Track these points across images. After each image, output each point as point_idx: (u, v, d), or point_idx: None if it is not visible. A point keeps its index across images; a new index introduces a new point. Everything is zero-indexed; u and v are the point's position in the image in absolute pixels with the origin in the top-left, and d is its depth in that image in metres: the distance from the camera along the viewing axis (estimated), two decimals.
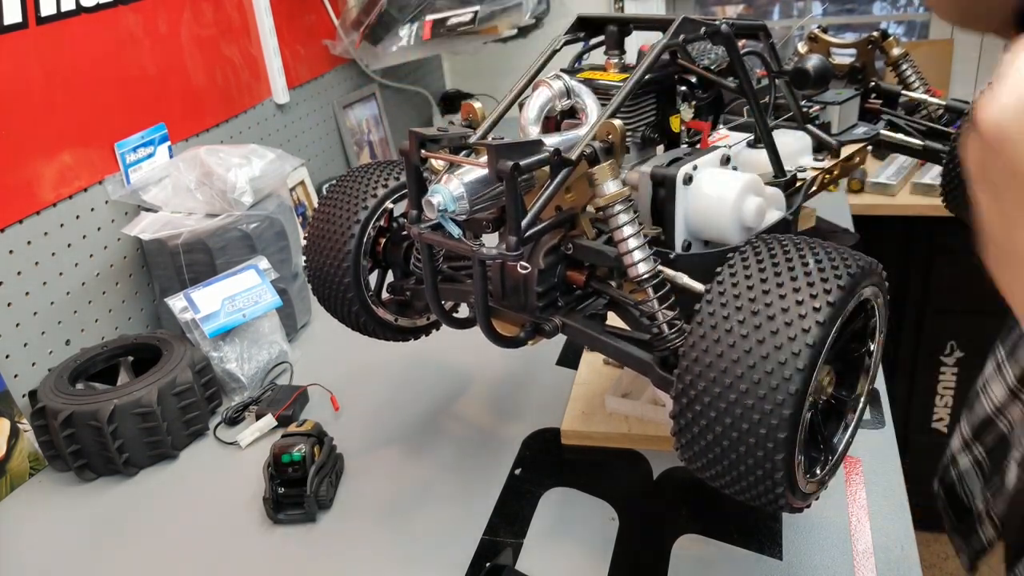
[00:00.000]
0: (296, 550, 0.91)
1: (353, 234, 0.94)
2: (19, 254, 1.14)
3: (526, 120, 0.75)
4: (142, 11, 1.35)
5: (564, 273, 0.81)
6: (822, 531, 0.86)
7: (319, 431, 0.99)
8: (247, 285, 1.22)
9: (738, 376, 0.61)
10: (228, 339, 1.21)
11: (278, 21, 1.69)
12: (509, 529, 0.90)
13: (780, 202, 0.83)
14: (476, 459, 1.03)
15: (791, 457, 0.62)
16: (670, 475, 0.97)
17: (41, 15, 1.16)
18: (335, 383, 1.19)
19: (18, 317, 1.14)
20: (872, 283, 0.66)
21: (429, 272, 0.80)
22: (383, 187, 0.96)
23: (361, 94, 2.05)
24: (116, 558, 0.93)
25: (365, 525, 0.93)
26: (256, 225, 1.28)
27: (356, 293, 0.96)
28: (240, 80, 1.62)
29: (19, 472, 1.07)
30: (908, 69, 1.43)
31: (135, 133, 1.33)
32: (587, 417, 1.05)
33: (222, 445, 1.11)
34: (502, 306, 0.83)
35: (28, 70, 1.15)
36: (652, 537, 0.88)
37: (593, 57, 0.89)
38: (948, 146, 1.19)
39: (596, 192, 0.71)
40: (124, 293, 1.32)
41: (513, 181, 0.65)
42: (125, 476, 1.06)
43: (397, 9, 1.78)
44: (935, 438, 2.17)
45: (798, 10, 2.70)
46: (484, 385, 1.19)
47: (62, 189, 1.21)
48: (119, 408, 1.03)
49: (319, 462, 0.95)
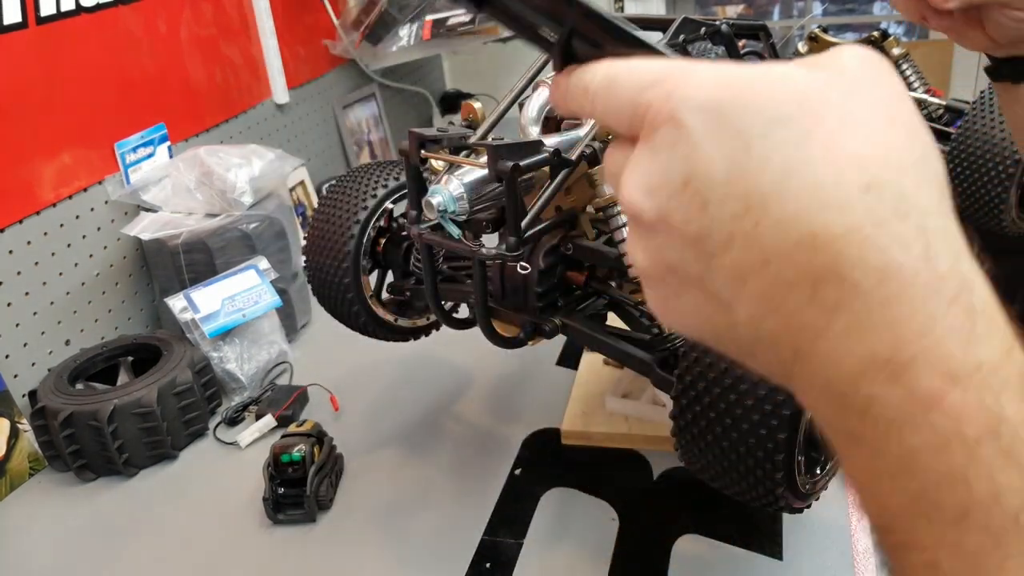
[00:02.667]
0: (296, 550, 0.91)
1: (353, 234, 0.94)
2: (19, 254, 1.14)
3: (526, 120, 0.75)
4: (142, 11, 1.35)
5: (564, 273, 0.81)
6: (822, 531, 0.86)
7: (319, 431, 0.99)
8: (247, 285, 1.22)
9: (738, 376, 0.61)
10: (228, 339, 1.21)
11: (278, 21, 1.69)
12: (509, 529, 0.90)
13: None
14: (476, 459, 1.03)
15: (791, 458, 0.62)
16: (670, 475, 0.97)
17: (41, 15, 1.16)
18: (335, 383, 1.19)
19: (18, 317, 1.14)
20: None
21: (429, 272, 0.80)
22: (383, 187, 0.96)
23: (361, 94, 2.05)
24: (116, 558, 0.93)
25: (365, 525, 0.93)
26: (256, 225, 1.28)
27: (356, 293, 0.96)
28: (240, 80, 1.62)
29: (19, 472, 1.07)
30: (908, 69, 1.43)
31: (135, 133, 1.33)
32: (587, 417, 1.05)
33: (222, 445, 1.11)
34: (502, 306, 0.83)
35: (28, 70, 1.15)
36: (652, 537, 0.88)
37: None
38: (949, 146, 1.19)
39: (596, 192, 0.71)
40: (124, 293, 1.32)
41: (513, 181, 0.65)
42: (125, 476, 1.05)
43: (397, 9, 1.78)
44: None
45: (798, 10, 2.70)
46: (484, 385, 1.19)
47: (62, 189, 1.21)
48: (119, 408, 1.03)
49: (319, 462, 0.95)
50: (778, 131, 0.26)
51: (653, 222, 0.28)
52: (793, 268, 0.26)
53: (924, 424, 0.25)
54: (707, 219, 0.27)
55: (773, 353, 0.28)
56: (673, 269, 0.29)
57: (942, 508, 0.25)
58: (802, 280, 0.26)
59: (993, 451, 0.24)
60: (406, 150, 0.73)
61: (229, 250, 1.25)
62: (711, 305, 0.28)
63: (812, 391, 0.27)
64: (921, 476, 0.25)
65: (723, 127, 0.26)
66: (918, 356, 0.25)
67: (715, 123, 0.26)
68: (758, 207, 0.26)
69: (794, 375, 0.28)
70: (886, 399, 0.25)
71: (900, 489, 0.26)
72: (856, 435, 0.26)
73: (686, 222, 0.27)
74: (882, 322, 0.25)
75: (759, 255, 0.26)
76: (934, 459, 0.25)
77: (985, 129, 1.12)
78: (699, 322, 0.30)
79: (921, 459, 0.25)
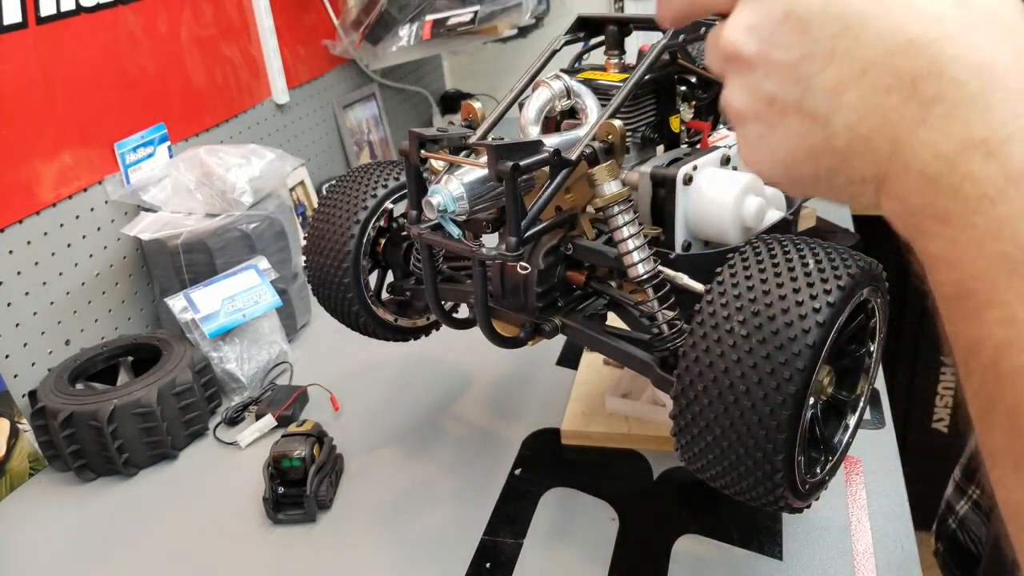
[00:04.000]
0: (296, 550, 0.91)
1: (353, 234, 0.94)
2: (19, 254, 1.14)
3: (526, 120, 0.75)
4: (142, 11, 1.35)
5: (564, 273, 0.81)
6: (822, 531, 0.86)
7: (319, 431, 0.99)
8: (247, 285, 1.22)
9: (738, 376, 0.61)
10: (228, 339, 1.21)
11: (278, 21, 1.69)
12: (509, 529, 0.90)
13: (780, 202, 0.83)
14: (476, 459, 1.03)
15: (791, 458, 0.62)
16: (670, 475, 0.97)
17: (41, 15, 1.16)
18: (335, 383, 1.19)
19: (18, 317, 1.14)
20: (872, 283, 0.66)
21: (429, 272, 0.80)
22: (383, 187, 0.96)
23: (361, 94, 2.05)
24: (116, 558, 0.93)
25: (365, 525, 0.93)
26: (256, 225, 1.28)
27: (356, 293, 0.96)
28: (240, 80, 1.62)
29: (19, 472, 1.07)
30: None
31: (135, 133, 1.33)
32: (587, 417, 1.05)
33: (222, 445, 1.11)
34: (502, 306, 0.83)
35: (28, 70, 1.15)
36: (652, 537, 0.88)
37: (593, 57, 0.89)
38: None
39: (596, 192, 0.71)
40: (124, 293, 1.32)
41: (513, 181, 0.65)
42: (125, 476, 1.06)
43: (397, 9, 1.78)
44: (935, 438, 2.17)
45: None
46: (484, 385, 1.19)
47: (62, 189, 1.21)
48: (119, 408, 1.03)
49: (319, 462, 0.95)
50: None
51: (753, 57, 0.33)
52: (892, 73, 0.30)
53: (1016, 195, 0.28)
54: (808, 43, 0.31)
55: (869, 154, 0.32)
56: (771, 100, 0.33)
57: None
58: (901, 82, 0.30)
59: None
60: (406, 150, 0.73)
61: (229, 250, 1.25)
62: (807, 124, 0.33)
63: (907, 180, 0.31)
64: (1008, 239, 0.28)
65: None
66: (1013, 135, 0.28)
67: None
68: (857, 24, 0.30)
69: (889, 171, 0.31)
70: (981, 174, 0.29)
71: (986, 254, 0.29)
72: (946, 214, 0.30)
73: (788, 48, 0.32)
74: (978, 108, 0.29)
75: (858, 66, 0.30)
76: (1022, 223, 0.28)
77: None
78: (794, 145, 0.34)
79: (1009, 225, 0.28)
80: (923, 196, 0.31)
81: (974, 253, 0.29)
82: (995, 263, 0.29)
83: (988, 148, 0.28)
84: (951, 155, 0.29)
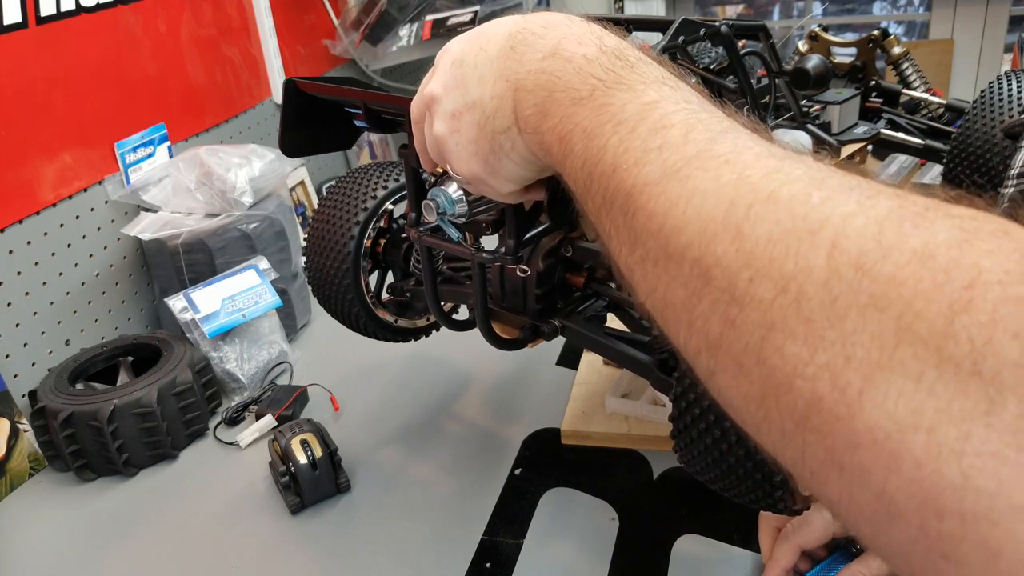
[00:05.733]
0: (296, 550, 0.91)
1: (353, 235, 0.94)
2: (19, 254, 1.14)
3: None
4: (142, 11, 1.35)
5: (563, 275, 0.81)
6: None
7: (318, 427, 0.99)
8: (247, 285, 1.22)
9: None
10: (228, 339, 1.21)
11: (278, 21, 1.69)
12: (509, 529, 0.90)
13: None
14: (476, 459, 1.03)
15: None
16: (670, 475, 0.97)
17: (41, 15, 1.16)
18: (335, 383, 1.19)
19: (18, 317, 1.14)
20: None
21: (428, 274, 0.80)
22: (383, 188, 0.96)
23: None
24: (116, 558, 0.93)
25: (364, 525, 0.94)
26: (256, 225, 1.28)
27: (356, 294, 0.96)
28: (240, 80, 1.62)
29: (19, 472, 1.07)
30: (909, 68, 1.43)
31: (135, 133, 1.34)
32: (587, 417, 1.05)
33: (222, 445, 1.11)
34: (501, 308, 0.83)
35: (28, 70, 1.15)
36: (652, 537, 0.88)
37: None
38: (949, 145, 1.19)
39: None
40: (124, 293, 1.32)
41: None
42: (125, 476, 1.06)
43: (397, 9, 1.78)
44: None
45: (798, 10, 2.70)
46: (484, 385, 1.19)
47: (62, 189, 1.21)
48: (119, 408, 1.03)
49: (320, 460, 0.95)
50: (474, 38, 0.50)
51: (440, 92, 0.50)
52: (503, 56, 0.48)
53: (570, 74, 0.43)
54: (465, 68, 0.49)
55: (505, 105, 0.47)
56: (455, 113, 0.49)
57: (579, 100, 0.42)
58: (510, 51, 0.47)
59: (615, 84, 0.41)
60: (406, 151, 0.73)
61: (229, 250, 1.25)
62: (475, 112, 0.48)
63: (525, 99, 0.45)
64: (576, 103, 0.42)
65: (465, 41, 0.50)
66: (560, 43, 0.45)
67: (460, 42, 0.51)
68: (485, 45, 0.49)
69: (516, 108, 0.46)
70: (552, 68, 0.44)
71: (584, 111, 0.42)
72: (552, 101, 0.44)
73: (455, 76, 0.49)
74: (541, 38, 0.46)
75: (489, 64, 0.48)
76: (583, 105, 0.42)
77: (985, 129, 1.12)
78: (474, 132, 0.49)
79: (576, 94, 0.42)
80: (536, 98, 0.44)
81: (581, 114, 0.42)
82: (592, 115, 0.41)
83: (555, 53, 0.44)
84: (537, 67, 0.44)
